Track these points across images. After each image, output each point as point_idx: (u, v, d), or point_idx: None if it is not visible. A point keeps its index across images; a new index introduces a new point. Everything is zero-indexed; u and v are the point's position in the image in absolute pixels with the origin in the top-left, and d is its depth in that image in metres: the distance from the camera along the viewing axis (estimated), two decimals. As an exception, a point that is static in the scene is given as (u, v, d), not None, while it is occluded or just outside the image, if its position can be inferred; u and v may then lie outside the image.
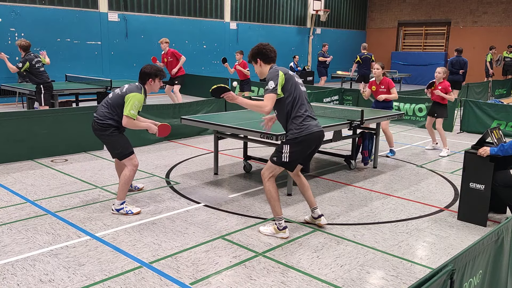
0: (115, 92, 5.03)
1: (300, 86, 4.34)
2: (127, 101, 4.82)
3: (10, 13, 12.81)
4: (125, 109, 4.81)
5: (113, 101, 4.93)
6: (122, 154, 5.00)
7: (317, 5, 21.37)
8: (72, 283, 3.56)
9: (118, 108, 4.90)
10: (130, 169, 4.99)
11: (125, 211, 5.01)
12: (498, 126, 5.81)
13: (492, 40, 20.32)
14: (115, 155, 5.09)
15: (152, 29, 16.01)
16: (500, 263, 2.89)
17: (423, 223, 4.98)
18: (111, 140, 4.99)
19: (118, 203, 5.01)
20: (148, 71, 5.01)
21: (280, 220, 4.46)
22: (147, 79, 5.02)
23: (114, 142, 5.00)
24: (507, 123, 9.88)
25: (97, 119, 4.96)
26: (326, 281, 3.69)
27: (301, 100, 4.27)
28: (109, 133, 4.94)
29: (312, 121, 4.29)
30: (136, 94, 4.85)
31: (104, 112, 4.94)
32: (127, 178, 4.97)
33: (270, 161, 4.39)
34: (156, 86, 5.10)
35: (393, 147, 8.05)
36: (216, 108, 9.72)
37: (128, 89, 4.93)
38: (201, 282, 3.62)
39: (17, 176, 6.34)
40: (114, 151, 5.05)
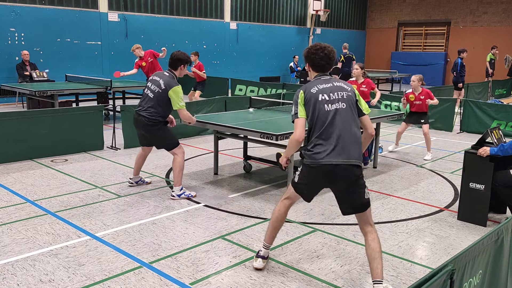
0: (151, 89, 5.38)
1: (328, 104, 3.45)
2: (173, 96, 5.24)
3: (10, 13, 12.81)
4: (176, 104, 5.26)
5: (158, 99, 5.31)
6: (172, 144, 5.45)
7: (317, 5, 21.36)
8: (72, 283, 3.56)
9: (164, 104, 5.30)
10: (181, 156, 5.46)
11: (186, 195, 5.51)
12: (498, 126, 5.81)
13: (492, 40, 20.30)
14: (165, 145, 5.49)
15: (152, 29, 16.00)
16: (500, 263, 2.89)
17: (423, 223, 4.98)
18: (162, 134, 5.43)
19: (178, 189, 5.50)
20: (182, 58, 5.42)
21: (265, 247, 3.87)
22: (179, 65, 5.43)
23: (164, 135, 5.44)
24: (507, 123, 9.88)
25: (146, 116, 5.32)
26: (326, 281, 3.69)
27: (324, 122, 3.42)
28: (159, 128, 5.37)
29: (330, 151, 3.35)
30: (178, 87, 5.28)
31: (151, 110, 5.32)
32: (181, 165, 5.47)
33: None
34: (184, 71, 5.53)
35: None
36: (216, 108, 9.72)
37: (167, 84, 5.27)
38: (201, 282, 3.62)
39: (17, 176, 6.34)
40: (165, 141, 5.46)
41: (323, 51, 3.58)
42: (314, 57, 3.59)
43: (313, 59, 3.60)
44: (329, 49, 3.60)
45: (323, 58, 3.58)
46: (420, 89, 7.83)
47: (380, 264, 3.34)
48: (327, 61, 3.59)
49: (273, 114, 7.15)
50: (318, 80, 3.58)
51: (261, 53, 19.96)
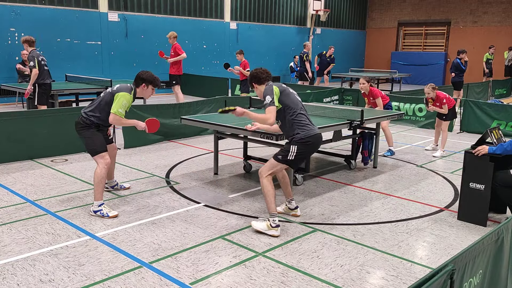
0: (107, 91, 5.13)
1: (296, 96, 4.73)
2: (115, 100, 4.92)
3: (10, 13, 12.81)
4: (113, 107, 4.91)
5: (103, 99, 5.04)
6: (95, 151, 5.00)
7: (317, 5, 21.37)
8: (72, 283, 3.56)
9: (106, 106, 4.98)
10: (101, 168, 4.94)
11: (101, 214, 4.91)
12: (498, 126, 5.81)
13: (492, 40, 20.31)
14: (88, 150, 5.12)
15: (152, 29, 16.01)
16: (500, 263, 2.89)
17: (423, 223, 4.98)
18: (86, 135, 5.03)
19: (96, 204, 4.95)
20: (144, 77, 5.11)
21: (274, 217, 4.53)
22: (140, 84, 5.12)
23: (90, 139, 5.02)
24: (507, 123, 9.88)
25: (83, 115, 5.04)
26: (326, 281, 3.69)
27: (300, 109, 4.63)
28: (87, 130, 5.02)
29: (313, 126, 4.65)
30: (126, 94, 4.96)
31: (92, 108, 5.04)
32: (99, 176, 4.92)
33: (273, 159, 4.59)
34: (148, 92, 5.18)
35: (392, 147, 8.06)
36: (216, 108, 9.71)
37: (118, 88, 5.04)
38: (201, 282, 3.62)
39: (17, 176, 6.34)
40: (88, 147, 5.07)
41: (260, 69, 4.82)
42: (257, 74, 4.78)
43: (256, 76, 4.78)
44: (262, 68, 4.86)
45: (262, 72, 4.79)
46: (435, 96, 7.98)
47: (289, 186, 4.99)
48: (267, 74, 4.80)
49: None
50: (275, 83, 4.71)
51: (261, 53, 19.96)
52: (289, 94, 4.65)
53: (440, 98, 7.93)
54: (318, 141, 4.65)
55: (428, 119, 10.85)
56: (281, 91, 4.61)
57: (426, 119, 10.90)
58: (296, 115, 4.58)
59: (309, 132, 4.53)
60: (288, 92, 4.67)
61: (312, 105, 7.59)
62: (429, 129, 10.70)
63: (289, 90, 4.71)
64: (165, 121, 8.71)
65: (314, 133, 4.57)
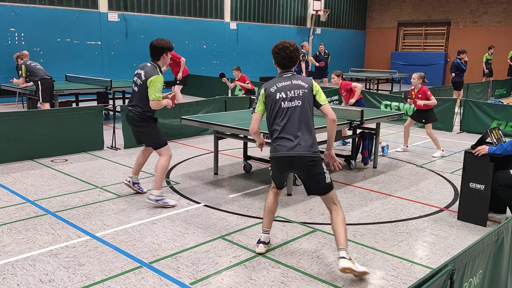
0: (136, 82, 5.13)
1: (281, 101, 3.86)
2: (150, 86, 4.92)
3: (10, 13, 12.81)
4: (151, 94, 4.93)
5: (141, 91, 5.04)
6: (158, 144, 5.21)
7: (317, 5, 21.36)
8: (72, 283, 3.56)
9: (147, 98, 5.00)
10: (166, 159, 5.19)
11: (163, 202, 5.16)
12: (498, 126, 5.81)
13: (492, 40, 20.30)
14: (151, 144, 5.27)
15: (152, 29, 16.00)
16: (500, 263, 2.89)
17: (423, 223, 4.98)
18: (149, 131, 5.19)
19: (156, 193, 5.16)
20: (161, 45, 5.09)
21: (265, 232, 4.18)
22: (160, 55, 5.10)
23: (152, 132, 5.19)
24: (507, 123, 9.87)
25: (134, 111, 5.11)
26: (326, 281, 3.69)
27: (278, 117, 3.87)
28: (147, 124, 5.14)
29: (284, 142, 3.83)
30: (157, 77, 4.95)
31: (138, 103, 5.09)
32: (164, 167, 5.17)
33: None
34: (167, 60, 5.22)
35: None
36: (216, 108, 9.72)
37: (146, 74, 4.99)
38: (201, 282, 3.62)
39: (17, 176, 6.34)
40: (152, 139, 5.22)
41: (285, 51, 3.91)
42: (277, 56, 3.95)
43: (276, 57, 3.97)
44: (291, 49, 3.91)
45: (284, 58, 3.93)
46: (419, 87, 7.82)
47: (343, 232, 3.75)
48: (289, 60, 3.94)
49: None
50: (280, 78, 3.96)
51: (261, 53, 19.95)
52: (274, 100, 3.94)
53: (425, 90, 7.80)
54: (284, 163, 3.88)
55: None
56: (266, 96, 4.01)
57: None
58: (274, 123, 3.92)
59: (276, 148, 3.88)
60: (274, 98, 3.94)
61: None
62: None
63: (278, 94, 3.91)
64: (165, 121, 8.70)
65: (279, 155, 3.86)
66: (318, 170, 3.84)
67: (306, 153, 3.79)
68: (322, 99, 3.95)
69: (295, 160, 3.80)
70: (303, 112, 3.84)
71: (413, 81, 7.83)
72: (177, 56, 11.32)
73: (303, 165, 3.82)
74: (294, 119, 3.82)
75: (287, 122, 3.83)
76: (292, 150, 3.79)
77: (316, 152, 3.83)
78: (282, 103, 3.85)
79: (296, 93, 3.86)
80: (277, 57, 3.96)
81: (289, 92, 3.86)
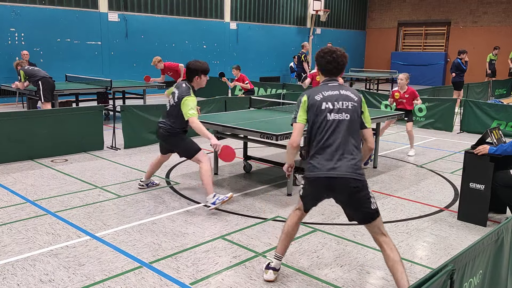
0: (170, 101, 5.27)
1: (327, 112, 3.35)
2: (183, 106, 5.02)
3: (10, 13, 12.81)
4: (185, 114, 4.99)
5: (173, 111, 5.17)
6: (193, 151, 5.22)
7: (317, 5, 21.36)
8: (72, 283, 3.56)
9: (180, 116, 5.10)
10: (206, 163, 5.20)
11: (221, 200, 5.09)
12: (498, 126, 5.81)
13: (492, 40, 20.31)
14: (186, 154, 5.31)
15: (152, 29, 16.00)
16: (500, 263, 2.89)
17: (423, 223, 4.98)
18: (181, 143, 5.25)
19: (211, 197, 5.11)
20: (194, 68, 5.17)
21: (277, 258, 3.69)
22: (193, 76, 5.19)
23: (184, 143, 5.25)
24: (507, 123, 9.88)
25: (164, 126, 5.21)
26: (326, 281, 3.69)
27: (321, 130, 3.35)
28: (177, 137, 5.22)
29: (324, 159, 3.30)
30: (188, 98, 5.02)
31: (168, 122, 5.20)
32: (208, 172, 5.16)
33: None
34: (203, 81, 5.29)
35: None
36: (216, 108, 9.72)
37: (179, 94, 5.10)
38: (201, 282, 3.62)
39: (17, 176, 6.34)
40: (185, 150, 5.27)
41: (331, 55, 3.45)
42: (322, 61, 3.49)
43: (320, 62, 3.51)
44: (338, 53, 3.46)
45: (330, 62, 3.46)
46: (406, 88, 7.91)
47: (404, 273, 3.22)
48: (335, 66, 3.46)
49: (273, 114, 7.16)
50: (325, 86, 3.47)
51: (261, 53, 19.96)
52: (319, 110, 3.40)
53: (413, 90, 7.95)
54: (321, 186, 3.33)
55: (428, 119, 10.86)
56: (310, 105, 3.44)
57: (426, 119, 10.90)
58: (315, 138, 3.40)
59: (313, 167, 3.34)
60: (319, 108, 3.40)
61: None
62: (429, 129, 10.71)
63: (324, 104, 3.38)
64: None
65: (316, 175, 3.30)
66: (365, 196, 3.31)
67: (351, 175, 3.23)
68: (367, 120, 3.49)
69: (337, 183, 3.24)
70: (351, 127, 3.33)
71: (401, 81, 7.96)
72: (174, 65, 11.36)
73: (346, 189, 3.26)
74: (340, 134, 3.30)
75: (331, 136, 3.30)
76: (334, 171, 3.23)
77: (362, 174, 3.30)
78: (328, 115, 3.33)
79: (345, 105, 3.36)
80: (321, 62, 3.49)
81: (337, 103, 3.35)
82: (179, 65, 11.36)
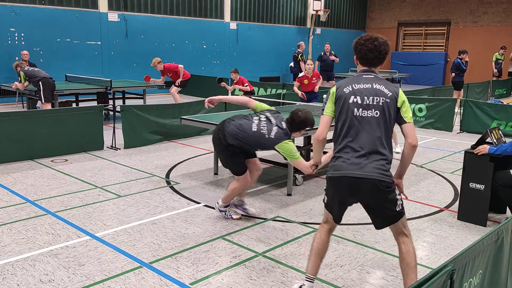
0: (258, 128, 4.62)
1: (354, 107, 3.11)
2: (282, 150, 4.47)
3: (10, 13, 12.81)
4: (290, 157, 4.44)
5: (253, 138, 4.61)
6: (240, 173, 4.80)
7: (317, 5, 21.35)
8: (72, 283, 3.56)
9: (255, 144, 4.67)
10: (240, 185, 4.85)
11: (226, 215, 4.93)
12: (498, 126, 5.81)
13: (492, 40, 20.31)
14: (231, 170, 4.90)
15: (152, 29, 16.00)
16: (500, 263, 2.89)
17: (423, 223, 4.98)
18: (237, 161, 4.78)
19: (222, 204, 4.93)
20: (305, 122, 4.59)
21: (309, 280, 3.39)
22: (300, 129, 4.65)
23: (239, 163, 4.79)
24: (507, 123, 9.88)
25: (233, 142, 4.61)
26: (326, 281, 3.69)
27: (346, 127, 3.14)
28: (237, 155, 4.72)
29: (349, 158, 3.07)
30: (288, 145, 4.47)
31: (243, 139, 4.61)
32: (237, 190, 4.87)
33: None
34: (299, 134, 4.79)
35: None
36: (216, 108, 9.70)
37: (277, 136, 4.50)
38: (201, 282, 3.62)
39: (17, 176, 6.34)
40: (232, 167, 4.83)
41: (373, 42, 3.15)
42: (362, 48, 3.20)
43: (360, 50, 3.22)
44: (380, 41, 3.16)
45: (371, 51, 3.16)
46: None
47: (415, 279, 3.06)
48: (376, 55, 3.16)
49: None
50: (358, 78, 3.20)
51: (261, 53, 19.95)
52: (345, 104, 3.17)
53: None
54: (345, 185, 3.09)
55: (428, 119, 10.86)
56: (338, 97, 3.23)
57: (426, 119, 10.90)
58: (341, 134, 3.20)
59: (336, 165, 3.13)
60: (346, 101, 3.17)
61: (312, 105, 7.58)
62: (429, 129, 10.71)
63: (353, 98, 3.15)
64: (165, 121, 8.71)
65: (339, 174, 3.09)
66: (392, 198, 3.08)
67: (379, 176, 3.00)
68: (408, 115, 3.12)
69: (363, 183, 3.00)
70: (380, 126, 3.06)
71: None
72: (174, 66, 11.37)
73: (373, 191, 3.02)
74: (367, 132, 3.05)
75: (357, 135, 3.06)
76: (361, 170, 3.00)
77: (391, 176, 3.07)
78: (356, 110, 3.08)
79: (376, 101, 3.07)
80: (361, 50, 3.19)
81: (367, 98, 3.08)
82: (179, 66, 11.38)
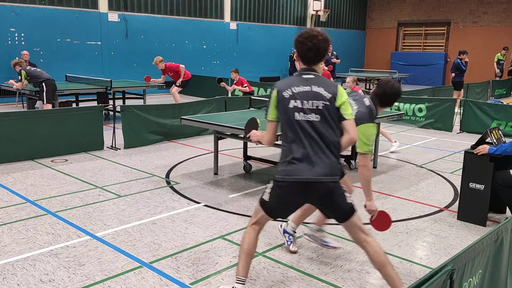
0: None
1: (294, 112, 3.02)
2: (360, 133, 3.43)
3: (10, 13, 12.81)
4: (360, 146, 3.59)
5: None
6: None
7: (317, 5, 21.36)
8: (72, 283, 3.56)
9: None
10: None
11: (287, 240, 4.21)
12: (498, 126, 5.81)
13: (492, 40, 20.31)
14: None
15: (152, 29, 16.00)
16: (500, 263, 2.89)
17: (423, 223, 4.98)
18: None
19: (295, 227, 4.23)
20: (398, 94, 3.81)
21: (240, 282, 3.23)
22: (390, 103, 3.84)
23: None
24: (506, 123, 9.88)
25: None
26: (326, 281, 3.69)
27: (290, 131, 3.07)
28: None
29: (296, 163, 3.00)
30: (369, 126, 3.61)
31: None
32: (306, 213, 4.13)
33: None
34: None
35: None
36: (216, 108, 9.72)
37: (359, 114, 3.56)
38: (201, 282, 3.62)
39: (17, 176, 6.34)
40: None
41: (312, 41, 3.03)
42: (301, 47, 3.07)
43: (300, 49, 3.09)
44: (320, 38, 3.05)
45: (310, 49, 3.05)
46: None
47: (393, 271, 3.04)
48: (316, 53, 3.06)
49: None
50: (298, 79, 3.09)
51: (261, 53, 19.96)
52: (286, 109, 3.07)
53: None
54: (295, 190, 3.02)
55: (428, 119, 10.86)
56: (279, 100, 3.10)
57: (426, 119, 10.90)
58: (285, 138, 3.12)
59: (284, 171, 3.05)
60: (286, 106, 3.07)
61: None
62: (428, 129, 10.71)
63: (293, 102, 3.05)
64: (165, 121, 8.71)
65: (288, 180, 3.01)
66: (338, 192, 3.04)
67: (327, 178, 2.97)
68: (347, 112, 3.05)
69: (312, 187, 2.98)
70: (323, 127, 2.99)
71: (347, 84, 8.14)
72: (175, 66, 11.37)
73: (322, 193, 3.02)
74: (310, 137, 2.98)
75: (301, 138, 3.00)
76: (308, 174, 2.95)
77: (337, 175, 3.04)
78: (296, 114, 3.01)
79: (315, 105, 3.00)
80: (301, 49, 3.06)
81: (306, 102, 3.00)
82: (180, 66, 11.38)
